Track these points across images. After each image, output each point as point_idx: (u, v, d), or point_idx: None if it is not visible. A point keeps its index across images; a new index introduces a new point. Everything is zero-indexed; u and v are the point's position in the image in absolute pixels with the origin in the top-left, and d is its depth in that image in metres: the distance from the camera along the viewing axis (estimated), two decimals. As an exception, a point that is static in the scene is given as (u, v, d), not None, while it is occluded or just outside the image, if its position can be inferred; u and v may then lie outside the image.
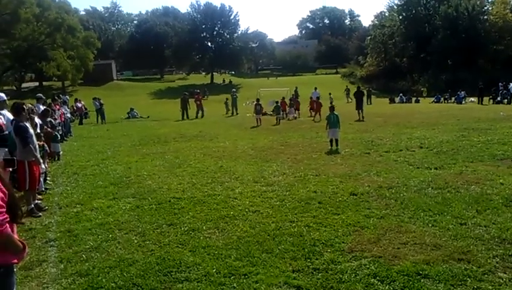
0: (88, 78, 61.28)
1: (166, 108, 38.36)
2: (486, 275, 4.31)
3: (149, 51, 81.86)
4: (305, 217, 6.33)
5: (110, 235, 5.96)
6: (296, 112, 25.51)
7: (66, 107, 21.31)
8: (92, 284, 4.54)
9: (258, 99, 23.98)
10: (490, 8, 61.60)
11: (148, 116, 29.96)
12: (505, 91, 32.39)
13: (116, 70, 77.84)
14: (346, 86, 42.47)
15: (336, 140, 12.84)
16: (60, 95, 25.30)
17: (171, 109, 30.05)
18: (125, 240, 5.76)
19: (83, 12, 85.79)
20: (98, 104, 27.16)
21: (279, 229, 5.90)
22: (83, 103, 29.42)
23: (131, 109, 31.10)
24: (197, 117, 27.68)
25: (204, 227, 6.13)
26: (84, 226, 6.38)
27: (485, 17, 59.69)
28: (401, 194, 7.29)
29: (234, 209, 6.89)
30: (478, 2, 59.98)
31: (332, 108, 13.94)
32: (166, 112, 32.30)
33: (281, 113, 23.90)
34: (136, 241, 5.73)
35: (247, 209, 6.86)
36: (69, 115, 21.36)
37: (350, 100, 37.08)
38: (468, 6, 57.68)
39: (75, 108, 28.27)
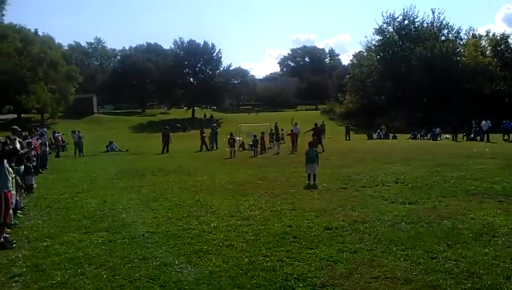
0: (68, 111, 60.96)
1: (146, 142, 38.20)
2: (454, 309, 4.34)
3: (131, 85, 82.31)
4: (279, 252, 6.31)
5: (79, 270, 5.81)
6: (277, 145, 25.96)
7: (44, 139, 21.02)
8: (56, 321, 4.39)
9: (231, 134, 25.58)
10: (462, 50, 64.37)
11: (127, 150, 29.75)
12: (477, 128, 33.36)
13: (97, 104, 77.58)
14: (322, 122, 43.25)
15: (314, 175, 12.97)
16: (38, 128, 24.99)
17: (151, 143, 29.98)
18: (94, 275, 5.61)
19: (66, 47, 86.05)
20: (76, 136, 26.90)
21: (252, 263, 5.85)
22: (61, 135, 29.09)
23: (110, 142, 30.87)
24: (201, 150, 28.36)
25: (176, 262, 6.04)
26: (53, 261, 6.21)
27: (458, 58, 62.24)
28: (375, 229, 7.35)
29: (208, 244, 6.82)
30: (451, 44, 62.67)
31: (311, 143, 14.13)
32: (146, 145, 32.17)
33: (258, 147, 24.73)
34: (105, 276, 5.59)
35: (221, 244, 6.80)
36: (47, 148, 21.02)
37: (330, 137, 37.66)
38: (442, 48, 60.16)
39: (52, 140, 27.91)
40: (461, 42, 67.21)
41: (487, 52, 64.42)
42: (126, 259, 6.22)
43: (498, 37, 64.45)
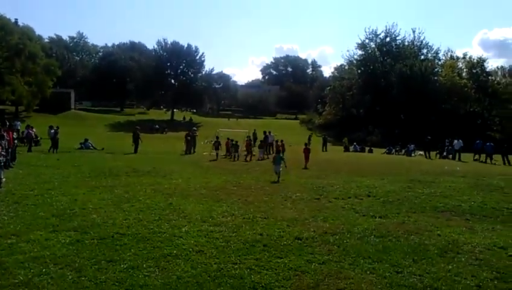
0: (45, 105, 59.72)
1: (123, 141, 37.65)
2: (415, 324, 4.44)
3: (111, 83, 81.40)
4: (248, 260, 6.33)
5: (44, 270, 5.69)
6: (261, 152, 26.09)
7: (15, 133, 20.50)
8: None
9: (217, 137, 27.03)
10: (440, 70, 66.15)
11: (103, 148, 29.26)
12: (450, 147, 34.21)
13: (75, 99, 76.25)
14: (325, 136, 44.02)
15: (278, 173, 15.91)
16: (10, 122, 24.37)
17: (128, 143, 29.55)
18: (59, 276, 5.51)
19: (46, 40, 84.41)
20: (53, 132, 26.36)
21: (220, 270, 5.86)
22: (34, 130, 28.42)
23: (86, 140, 30.29)
24: (186, 153, 28.00)
25: (144, 265, 5.98)
26: (17, 259, 6.07)
27: (436, 78, 63.92)
28: (344, 241, 7.46)
29: (178, 248, 6.79)
30: (430, 64, 64.38)
31: (277, 151, 18.98)
32: (123, 145, 31.69)
33: (238, 152, 25.33)
34: (70, 277, 5.50)
35: (191, 249, 6.78)
36: (16, 142, 20.50)
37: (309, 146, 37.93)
38: (421, 66, 61.70)
39: (24, 134, 27.26)
40: (439, 62, 69.17)
41: (463, 74, 66.44)
42: (93, 260, 6.13)
43: (474, 60, 66.57)
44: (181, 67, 78.69)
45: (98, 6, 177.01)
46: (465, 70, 67.45)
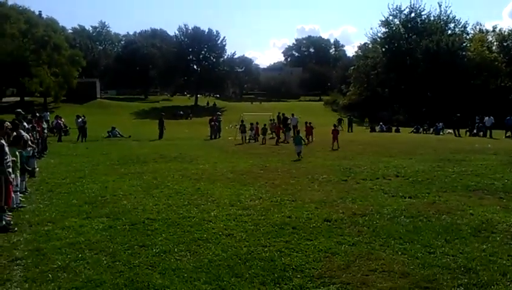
0: (71, 95, 60.96)
1: (148, 128, 38.18)
2: (450, 304, 4.39)
3: (134, 71, 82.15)
4: (277, 242, 6.35)
5: (80, 255, 5.86)
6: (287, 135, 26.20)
7: (44, 123, 21.06)
8: (56, 304, 4.45)
9: (242, 121, 27.27)
10: (468, 45, 63.86)
11: (130, 136, 29.78)
12: (480, 124, 33.24)
13: (100, 88, 77.56)
14: (350, 117, 43.62)
15: (299, 152, 17.08)
16: (39, 113, 25.03)
17: (154, 130, 29.99)
18: (95, 261, 5.67)
19: (70, 31, 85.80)
20: (80, 121, 26.97)
21: (251, 253, 5.90)
22: (63, 120, 29.12)
23: (113, 128, 30.88)
24: (212, 138, 28.54)
25: (176, 249, 6.09)
26: (54, 245, 6.27)
27: (464, 53, 61.78)
28: (374, 222, 7.39)
29: (208, 232, 6.87)
30: (457, 39, 62.17)
31: (297, 132, 19.66)
32: (149, 132, 32.14)
33: (267, 135, 26.13)
34: (105, 262, 5.65)
35: (220, 233, 6.85)
36: (46, 132, 21.08)
37: (341, 128, 37.53)
38: (448, 42, 59.70)
39: (53, 124, 27.97)
40: (467, 37, 66.70)
41: (493, 48, 63.98)
42: (126, 245, 6.27)
43: (505, 33, 63.95)
44: (203, 52, 78.64)
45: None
46: (495, 43, 64.96)
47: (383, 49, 68.64)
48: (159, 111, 51.19)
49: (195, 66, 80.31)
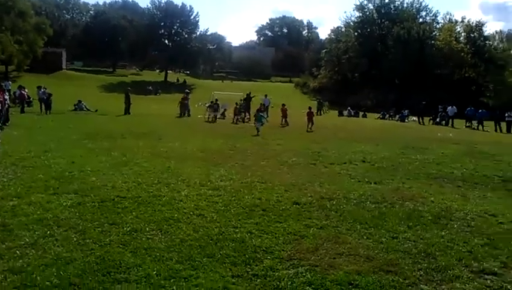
0: (36, 65, 58.64)
1: (116, 103, 37.28)
2: (410, 287, 4.65)
3: (103, 43, 79.57)
4: (248, 224, 6.48)
5: (48, 232, 5.80)
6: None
7: (6, 93, 20.25)
8: (26, 282, 4.41)
9: (216, 100, 28.51)
10: (438, 34, 65.35)
11: (97, 110, 29.07)
12: (443, 113, 34.39)
13: (66, 59, 74.80)
14: (320, 100, 44.27)
15: (258, 128, 19.34)
16: (2, 82, 24.01)
17: (122, 104, 29.35)
18: (64, 238, 5.62)
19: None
20: (41, 92, 26.06)
21: (222, 234, 6.01)
22: (26, 90, 28.04)
23: (79, 101, 30.01)
24: (181, 115, 28.42)
25: (147, 228, 6.11)
26: (20, 221, 6.15)
27: (433, 42, 63.25)
28: (341, 206, 7.63)
29: (179, 212, 6.92)
30: (428, 27, 63.53)
31: (259, 110, 21.58)
32: (116, 106, 31.42)
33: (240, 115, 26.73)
34: (75, 239, 5.61)
35: (191, 213, 6.91)
36: (8, 102, 20.29)
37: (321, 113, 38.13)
38: (419, 30, 60.91)
39: (15, 94, 26.92)
40: (437, 26, 68.21)
41: (461, 38, 65.77)
42: (96, 223, 6.23)
43: (473, 24, 65.76)
44: (175, 27, 77.11)
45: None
46: (463, 34, 66.79)
47: (356, 34, 69.36)
48: (127, 85, 50.01)
49: (166, 41, 78.70)
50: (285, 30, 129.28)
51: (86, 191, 7.90)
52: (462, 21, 67.74)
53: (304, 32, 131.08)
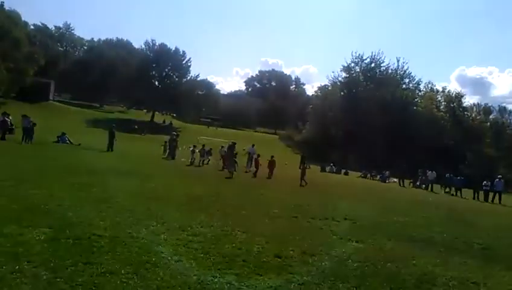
0: (23, 93, 58.24)
1: (100, 138, 36.95)
2: None
3: (94, 78, 79.96)
4: (228, 274, 6.26)
5: (17, 267, 5.49)
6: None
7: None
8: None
9: (203, 145, 29.21)
10: (420, 101, 67.89)
11: (80, 144, 28.71)
12: (423, 177, 34.99)
13: (54, 91, 74.61)
14: (303, 154, 44.86)
15: (232, 172, 21.15)
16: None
17: (106, 140, 29.03)
18: (34, 275, 5.33)
19: (32, 27, 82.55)
20: (26, 122, 25.73)
21: (200, 283, 5.78)
22: (10, 117, 27.65)
23: (63, 134, 29.67)
24: (167, 157, 28.65)
25: (122, 271, 5.84)
26: (-11, 253, 5.84)
27: (415, 107, 65.54)
28: (323, 263, 7.48)
29: (156, 256, 6.66)
30: (410, 94, 66.01)
31: (234, 156, 23.52)
32: (100, 142, 31.10)
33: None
34: (45, 277, 5.32)
35: (170, 258, 6.66)
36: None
37: (285, 163, 38.29)
38: (402, 95, 63.23)
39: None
40: (419, 93, 70.94)
41: (441, 107, 68.38)
42: (69, 261, 5.94)
43: (453, 95, 68.71)
44: (166, 70, 78.18)
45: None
46: (443, 103, 69.51)
47: (342, 93, 71.38)
48: (113, 122, 49.80)
49: (156, 82, 79.44)
50: (273, 83, 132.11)
51: (61, 227, 7.60)
52: (443, 91, 70.95)
53: (291, 87, 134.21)
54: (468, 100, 75.20)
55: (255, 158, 26.28)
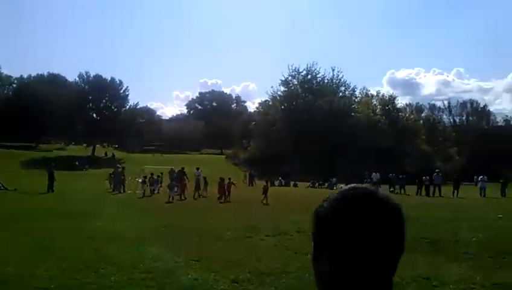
0: None
1: (38, 180, 35.02)
2: None
3: (26, 117, 75.90)
4: (185, 308, 6.12)
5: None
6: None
7: None
8: None
9: (152, 174, 28.56)
10: (357, 107, 70.78)
11: (15, 189, 27.01)
12: (368, 180, 36.33)
13: (-18, 134, 70.07)
14: (251, 171, 45.32)
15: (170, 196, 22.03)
16: None
17: (45, 182, 27.60)
18: None
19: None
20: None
21: (157, 322, 5.59)
22: None
23: (-5, 180, 27.82)
24: (113, 191, 27.87)
25: (72, 322, 5.53)
26: None
27: (353, 114, 68.21)
28: (281, 281, 7.50)
29: (108, 301, 6.39)
30: (347, 101, 68.73)
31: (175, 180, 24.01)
32: (39, 184, 29.49)
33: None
34: None
35: (123, 300, 6.41)
36: None
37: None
38: (339, 103, 65.67)
39: None
40: (356, 100, 73.97)
41: (377, 111, 71.60)
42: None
43: (386, 98, 72.32)
44: (104, 101, 76.04)
45: (14, 35, 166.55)
46: (379, 106, 72.83)
47: (282, 107, 72.79)
48: (51, 161, 47.44)
49: (94, 115, 76.99)
50: (214, 103, 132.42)
51: None
52: (377, 95, 74.41)
53: (233, 106, 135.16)
54: (401, 101, 79.42)
55: (205, 179, 26.57)
